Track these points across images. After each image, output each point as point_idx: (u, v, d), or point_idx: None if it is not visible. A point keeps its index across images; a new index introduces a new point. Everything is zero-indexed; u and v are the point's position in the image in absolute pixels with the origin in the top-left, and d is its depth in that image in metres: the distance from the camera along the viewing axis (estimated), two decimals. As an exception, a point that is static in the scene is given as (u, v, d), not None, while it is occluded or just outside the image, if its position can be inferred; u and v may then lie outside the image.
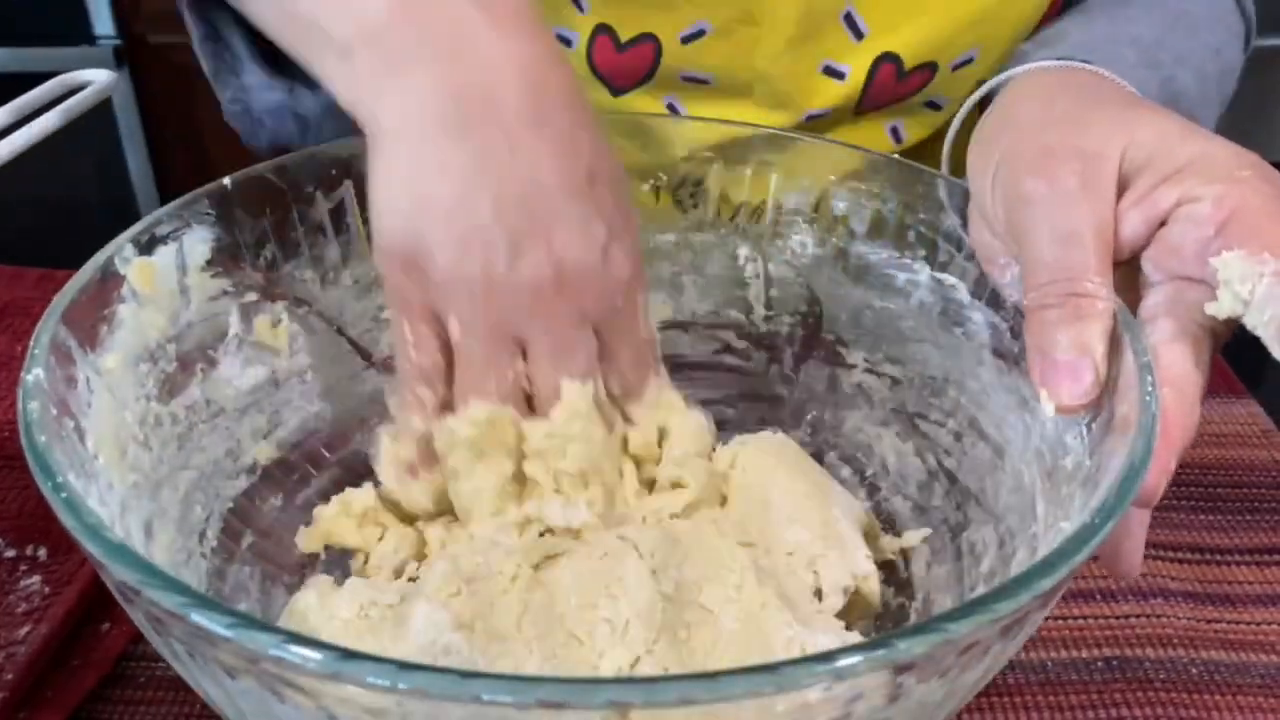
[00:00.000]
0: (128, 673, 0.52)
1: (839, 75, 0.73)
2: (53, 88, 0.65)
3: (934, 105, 0.77)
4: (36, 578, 0.53)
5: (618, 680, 0.32)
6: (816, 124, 0.76)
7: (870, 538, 0.54)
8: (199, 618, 0.32)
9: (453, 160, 0.45)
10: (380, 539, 0.56)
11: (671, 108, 0.76)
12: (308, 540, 0.55)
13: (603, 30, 0.73)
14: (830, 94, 0.74)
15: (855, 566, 0.51)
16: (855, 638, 0.48)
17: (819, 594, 0.50)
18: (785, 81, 0.74)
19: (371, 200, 0.47)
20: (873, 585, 0.52)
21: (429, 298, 0.47)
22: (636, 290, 0.50)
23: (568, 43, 0.75)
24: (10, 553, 0.55)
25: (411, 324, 0.48)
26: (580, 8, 0.73)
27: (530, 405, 0.50)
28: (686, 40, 0.72)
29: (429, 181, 0.45)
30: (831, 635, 0.47)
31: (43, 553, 0.55)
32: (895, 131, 0.78)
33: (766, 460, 0.55)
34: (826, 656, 0.32)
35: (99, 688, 0.51)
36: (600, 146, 0.48)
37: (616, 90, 0.76)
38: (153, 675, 0.52)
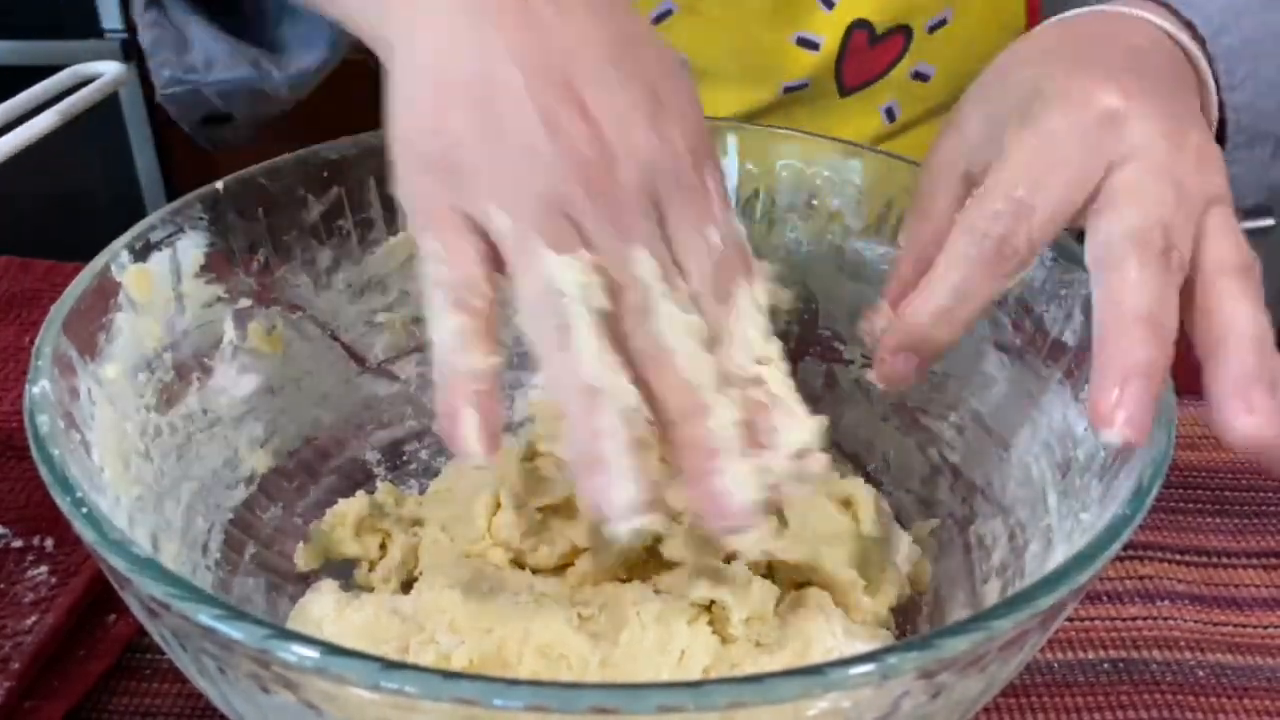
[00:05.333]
0: (133, 663, 0.51)
1: (813, 45, 0.74)
2: (64, 79, 0.64)
3: (920, 76, 0.77)
4: (44, 568, 0.53)
5: (667, 685, 0.31)
6: (799, 100, 0.76)
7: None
8: (232, 630, 0.31)
9: (474, 39, 0.41)
10: (381, 547, 0.55)
11: None
12: (305, 558, 0.54)
13: None
14: (805, 65, 0.74)
15: (908, 552, 0.53)
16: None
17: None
18: (758, 55, 0.74)
19: (390, 109, 0.43)
20: (924, 565, 0.53)
21: (461, 199, 0.41)
22: (707, 169, 0.43)
23: None
24: (17, 543, 0.55)
25: (442, 235, 0.41)
26: None
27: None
28: (656, 20, 0.72)
29: (451, 66, 0.41)
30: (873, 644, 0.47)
31: (50, 543, 0.54)
32: (889, 112, 0.78)
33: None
34: (872, 657, 0.31)
35: (105, 678, 0.50)
36: (636, 16, 0.44)
37: None
38: (158, 666, 0.51)
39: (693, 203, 0.42)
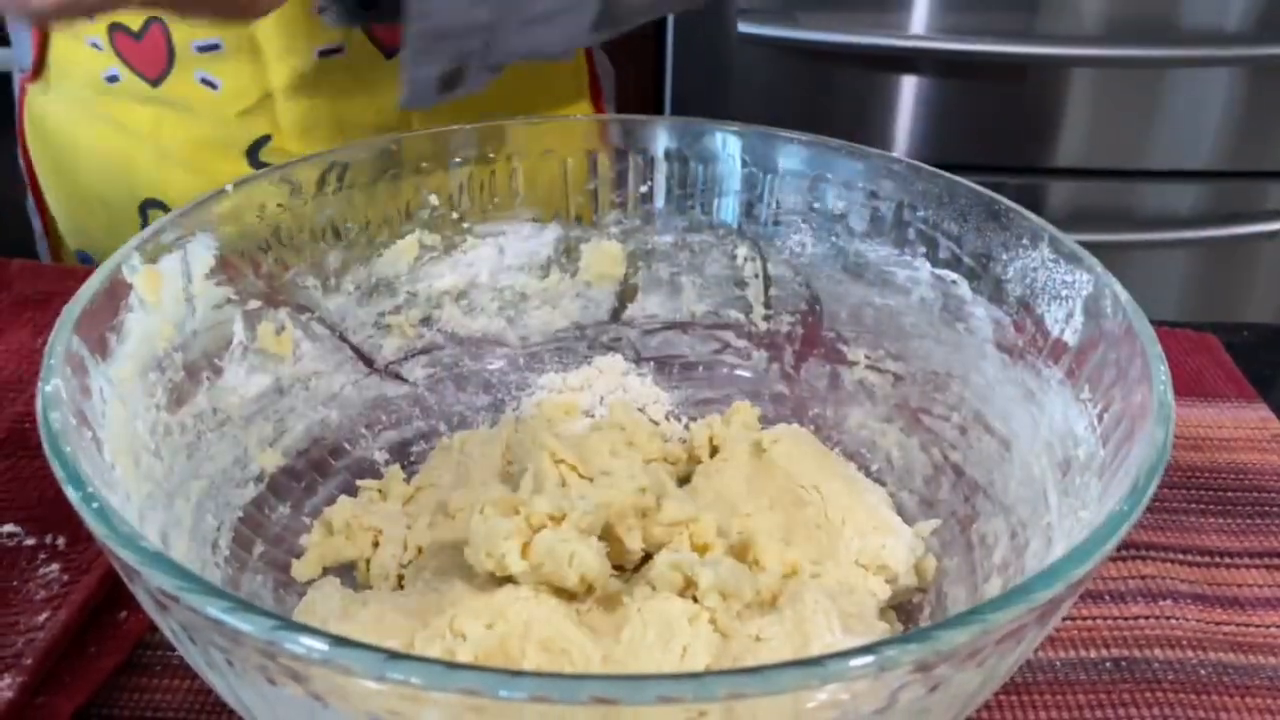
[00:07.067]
0: (144, 660, 0.52)
1: None
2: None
3: None
4: (55, 565, 0.54)
5: (667, 676, 0.32)
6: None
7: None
8: (241, 623, 0.32)
9: None
10: (375, 544, 0.56)
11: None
12: (302, 570, 0.54)
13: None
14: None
15: (913, 544, 0.53)
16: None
17: (894, 581, 0.52)
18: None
19: None
20: (929, 561, 0.53)
21: None
22: None
23: None
24: (30, 541, 0.55)
25: None
26: None
27: None
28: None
29: None
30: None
31: (62, 541, 0.55)
32: None
33: (798, 455, 0.56)
34: (869, 649, 0.32)
35: (116, 674, 0.51)
36: None
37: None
38: (168, 662, 0.52)
39: None
